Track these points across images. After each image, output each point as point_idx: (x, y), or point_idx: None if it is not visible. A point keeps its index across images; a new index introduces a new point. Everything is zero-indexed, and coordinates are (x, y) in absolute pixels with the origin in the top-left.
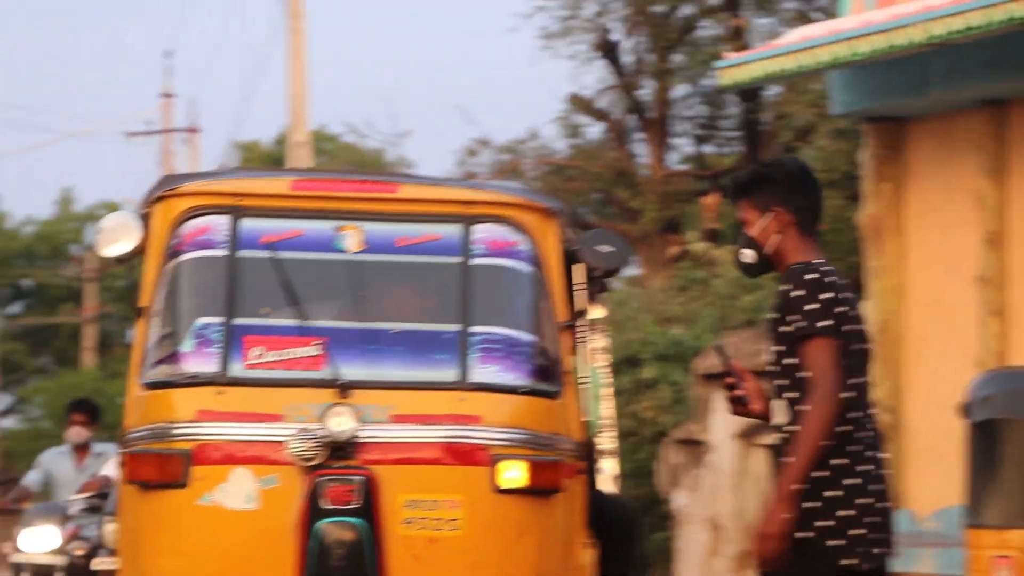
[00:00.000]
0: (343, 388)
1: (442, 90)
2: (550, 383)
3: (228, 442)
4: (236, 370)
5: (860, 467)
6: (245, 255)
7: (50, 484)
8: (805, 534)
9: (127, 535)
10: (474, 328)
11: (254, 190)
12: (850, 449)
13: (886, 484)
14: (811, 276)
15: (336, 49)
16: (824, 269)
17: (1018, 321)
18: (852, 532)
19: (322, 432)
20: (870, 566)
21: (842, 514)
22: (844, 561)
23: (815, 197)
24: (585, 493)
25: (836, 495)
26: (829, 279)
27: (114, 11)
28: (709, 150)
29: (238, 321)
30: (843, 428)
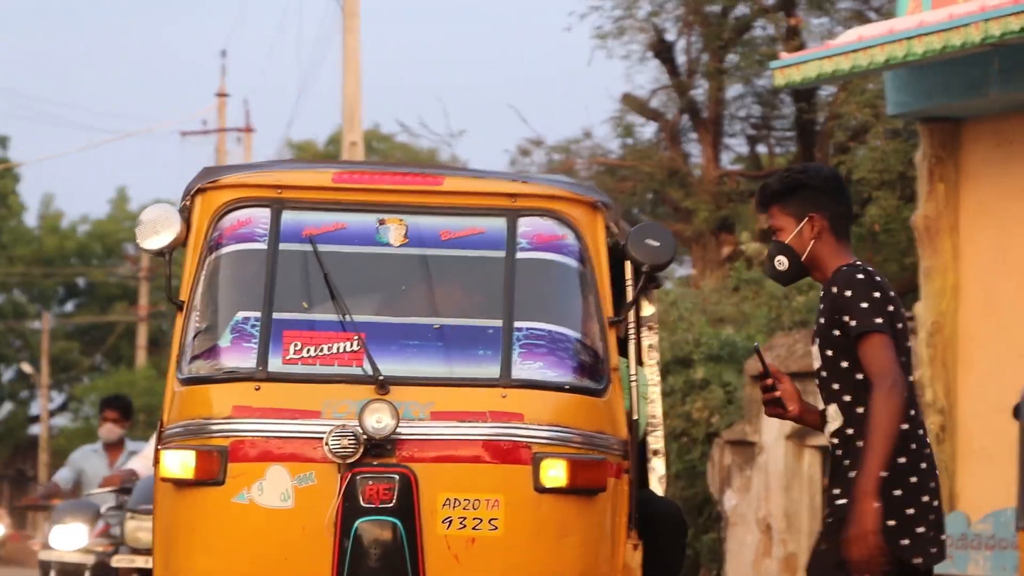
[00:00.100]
0: (382, 384)
1: (496, 89)
2: (595, 380)
3: (264, 439)
4: (274, 365)
5: (920, 465)
6: (286, 248)
7: (82, 482)
8: None
9: (162, 533)
10: (518, 323)
11: (295, 182)
12: (911, 448)
13: (938, 483)
14: (861, 276)
15: (389, 48)
16: (871, 270)
17: None
18: (918, 530)
19: (360, 429)
20: (928, 565)
21: (909, 512)
22: (914, 560)
23: (847, 202)
24: (631, 493)
25: (900, 494)
26: (877, 279)
27: (169, 12)
28: (762, 150)
29: (277, 315)
30: (903, 427)
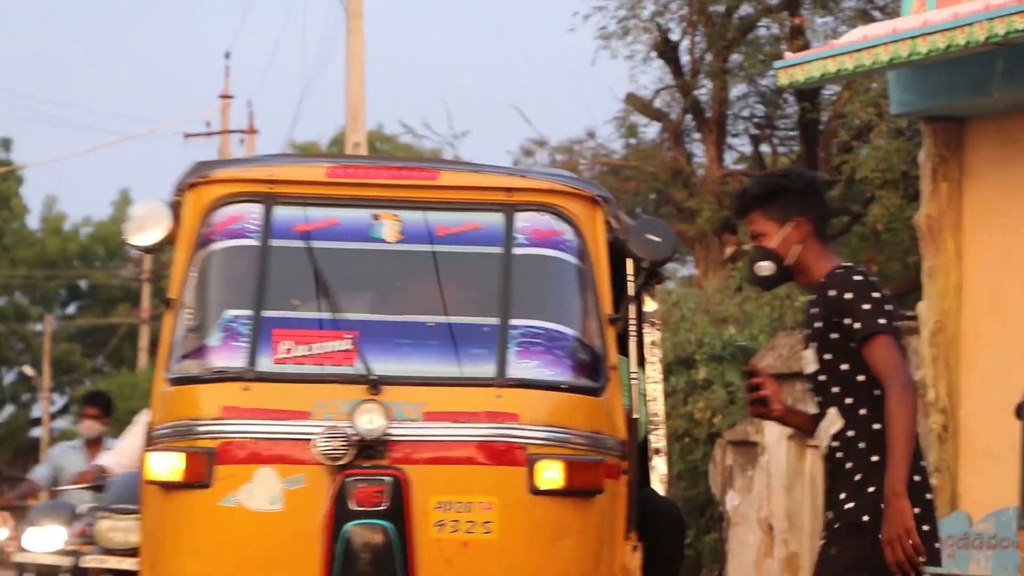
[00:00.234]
0: (374, 384)
1: (499, 90)
2: (593, 379)
3: (253, 440)
4: (264, 365)
5: (920, 464)
6: (278, 244)
7: (59, 479)
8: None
9: (149, 536)
10: (514, 321)
11: (288, 177)
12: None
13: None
14: (858, 278)
15: (393, 49)
16: (865, 271)
17: None
18: (924, 528)
19: (351, 430)
20: (928, 565)
21: (916, 511)
22: (919, 557)
23: (826, 205)
24: (630, 494)
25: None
26: (872, 279)
27: (172, 12)
28: (766, 150)
29: (268, 314)
30: None
